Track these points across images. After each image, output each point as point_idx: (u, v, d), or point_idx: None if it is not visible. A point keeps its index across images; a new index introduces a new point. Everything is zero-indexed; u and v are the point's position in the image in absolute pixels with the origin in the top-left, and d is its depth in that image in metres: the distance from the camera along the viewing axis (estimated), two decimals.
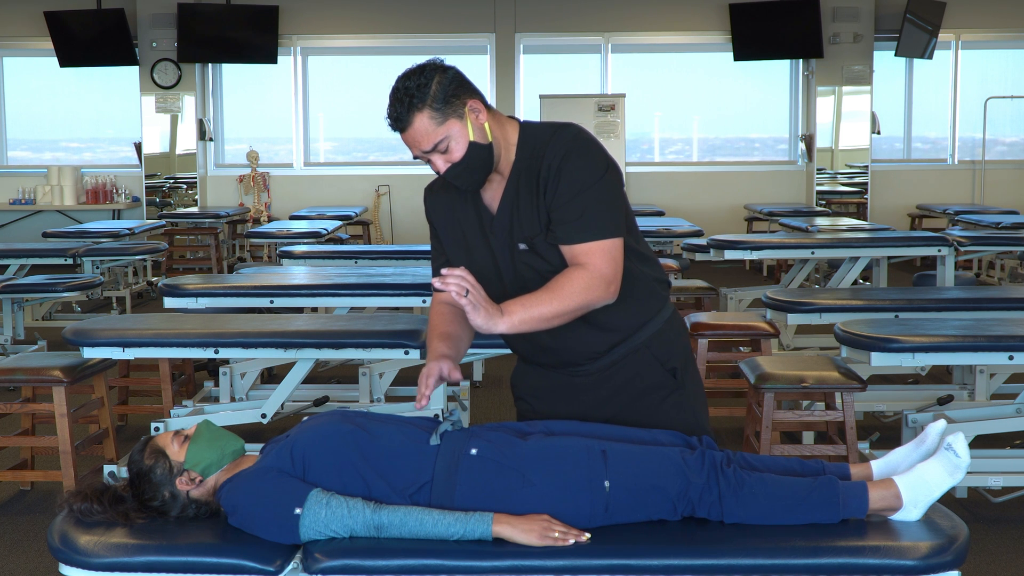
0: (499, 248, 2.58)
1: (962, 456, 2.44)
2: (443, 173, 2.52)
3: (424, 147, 2.47)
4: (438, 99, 2.44)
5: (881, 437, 5.01)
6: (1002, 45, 13.41)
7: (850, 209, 12.85)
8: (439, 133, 2.46)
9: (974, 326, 4.29)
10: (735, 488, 2.40)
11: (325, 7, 12.75)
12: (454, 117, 2.46)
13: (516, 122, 2.59)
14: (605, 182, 2.49)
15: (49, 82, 13.14)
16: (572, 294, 2.44)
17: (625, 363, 2.63)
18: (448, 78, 2.46)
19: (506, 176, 2.56)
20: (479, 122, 2.49)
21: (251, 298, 5.36)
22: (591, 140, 2.53)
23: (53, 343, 7.03)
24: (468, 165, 2.50)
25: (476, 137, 2.48)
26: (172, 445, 2.58)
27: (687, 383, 2.69)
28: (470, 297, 2.36)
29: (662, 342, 2.65)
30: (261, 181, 12.67)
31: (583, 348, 2.62)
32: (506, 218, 2.56)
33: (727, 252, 6.92)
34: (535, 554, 2.31)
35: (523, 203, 2.53)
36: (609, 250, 2.48)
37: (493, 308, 2.40)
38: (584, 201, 2.47)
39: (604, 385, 2.65)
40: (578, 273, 2.46)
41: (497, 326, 2.41)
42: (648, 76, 13.27)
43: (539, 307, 2.44)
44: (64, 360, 4.41)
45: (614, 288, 2.49)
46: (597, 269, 2.46)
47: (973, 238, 7.48)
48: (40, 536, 4.11)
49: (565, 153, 2.48)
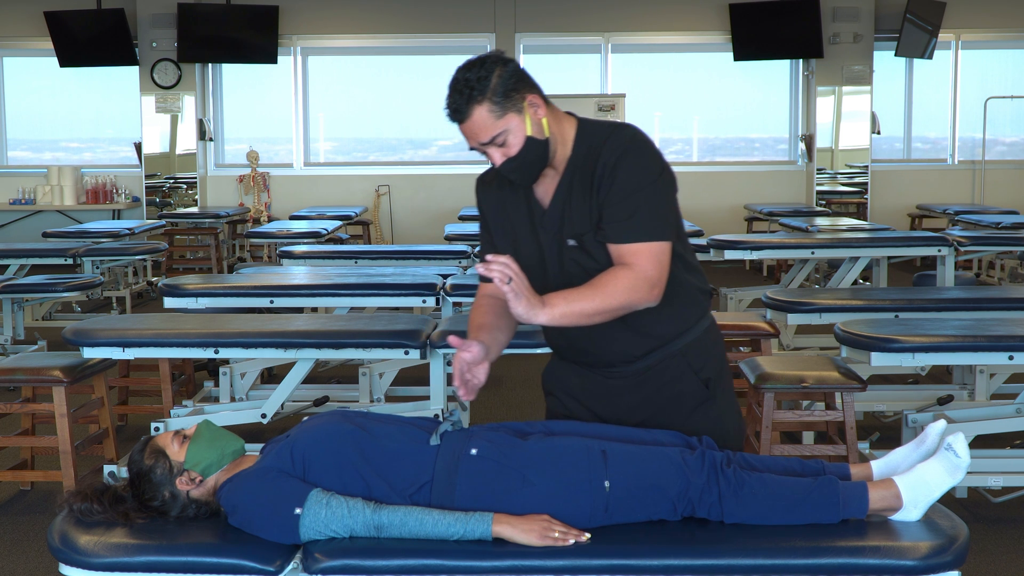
0: (548, 243, 2.57)
1: (962, 456, 2.44)
2: (498, 166, 2.51)
3: (482, 139, 2.47)
4: (498, 92, 2.43)
5: (881, 437, 5.01)
6: (1002, 45, 13.41)
7: (850, 209, 12.84)
8: (497, 126, 2.45)
9: (974, 326, 4.29)
10: (735, 488, 2.40)
11: (325, 7, 12.75)
12: (513, 111, 2.45)
13: (574, 118, 2.58)
14: (659, 185, 2.49)
15: (49, 82, 13.13)
16: (615, 293, 2.43)
17: (659, 368, 2.61)
18: (509, 72, 2.45)
19: (560, 171, 2.55)
20: (537, 117, 2.48)
21: (251, 298, 5.36)
22: (648, 142, 2.53)
23: (53, 343, 7.03)
24: (524, 159, 2.49)
25: (533, 132, 2.48)
26: (172, 445, 2.58)
27: (719, 395, 2.66)
28: (513, 285, 2.34)
29: (698, 351, 2.63)
30: (261, 181, 12.67)
31: (620, 350, 2.60)
32: (557, 213, 2.55)
33: (727, 252, 6.92)
34: (535, 554, 2.31)
35: (575, 199, 2.52)
36: (656, 253, 2.47)
37: (535, 298, 2.39)
38: (636, 201, 2.46)
39: (637, 389, 2.63)
40: (624, 272, 2.45)
41: (538, 317, 2.39)
42: (648, 76, 13.27)
43: (581, 302, 2.42)
44: (64, 360, 4.41)
45: (657, 291, 2.47)
46: (642, 270, 2.45)
47: (973, 238, 7.48)
48: (40, 536, 4.11)
49: (622, 152, 2.47)
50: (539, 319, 2.40)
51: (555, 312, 2.41)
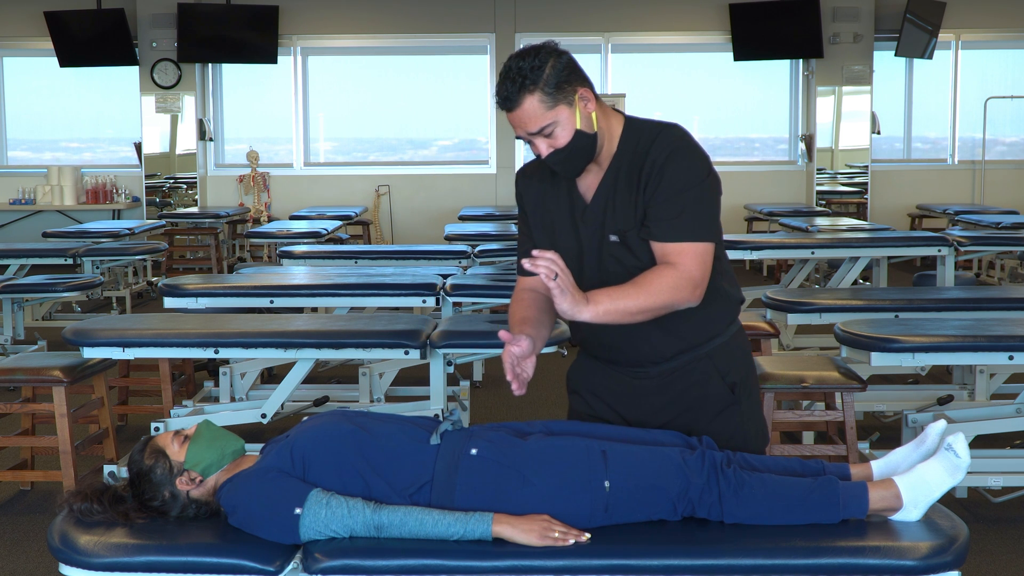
0: (588, 237, 2.57)
1: (962, 456, 2.44)
2: (545, 157, 2.51)
3: (530, 129, 2.46)
4: (550, 83, 2.43)
5: (881, 437, 5.01)
6: (1002, 45, 13.41)
7: (850, 209, 12.84)
8: (547, 117, 2.45)
9: (974, 326, 4.29)
10: (735, 488, 2.40)
11: (325, 7, 12.75)
12: (564, 103, 2.45)
13: (621, 115, 2.58)
14: (706, 186, 2.49)
15: (49, 82, 13.13)
16: (659, 292, 2.43)
17: (686, 370, 2.61)
18: (562, 63, 2.45)
19: (604, 167, 2.55)
20: (587, 111, 2.48)
21: (251, 298, 5.36)
22: (696, 143, 2.53)
23: (53, 343, 7.03)
24: (571, 152, 2.49)
25: (583, 126, 2.47)
26: (172, 445, 2.58)
27: (744, 401, 2.65)
28: (559, 281, 2.33)
29: (725, 355, 2.62)
30: (261, 181, 12.67)
31: (650, 350, 2.59)
32: (600, 209, 2.55)
33: (727, 252, 6.90)
34: (535, 554, 2.31)
35: (620, 196, 2.52)
36: (701, 253, 2.47)
37: (580, 295, 2.38)
38: (683, 201, 2.46)
39: (662, 391, 2.62)
40: (667, 271, 2.45)
41: (582, 313, 2.38)
42: (648, 76, 13.26)
43: (625, 300, 2.41)
44: (64, 360, 4.41)
45: (700, 292, 2.47)
46: (687, 270, 2.45)
47: (973, 238, 7.48)
48: (40, 536, 4.11)
49: (671, 152, 2.47)
50: (583, 316, 2.39)
51: (599, 309, 2.39)
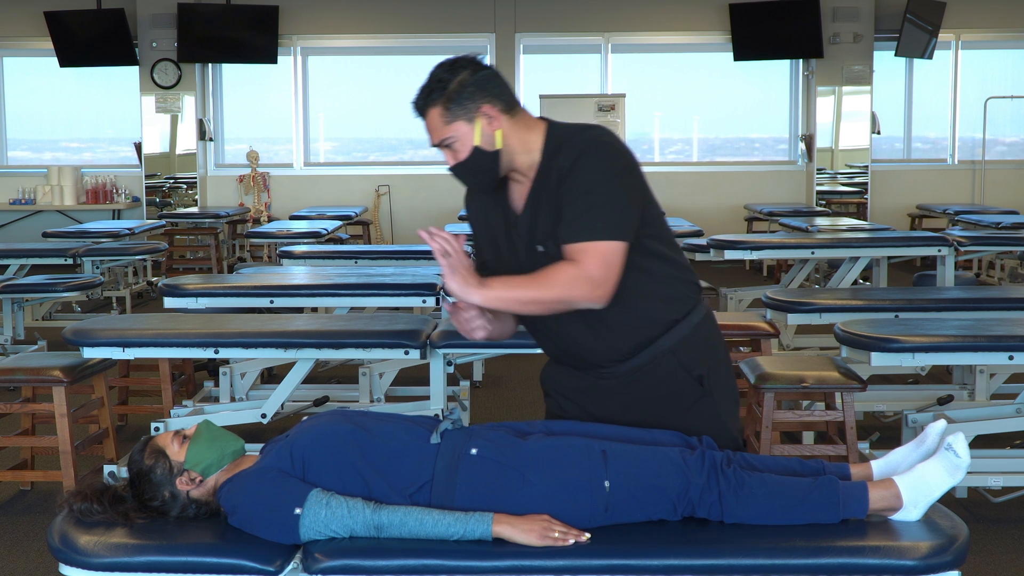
0: (522, 249, 2.57)
1: (962, 456, 2.44)
2: (449, 168, 2.57)
3: (432, 140, 2.54)
4: (452, 98, 2.46)
5: (881, 437, 5.01)
6: (1002, 45, 13.41)
7: (850, 209, 12.84)
8: (445, 131, 2.49)
9: (974, 326, 4.28)
10: (735, 488, 2.40)
11: (325, 7, 12.75)
12: (463, 119, 2.48)
13: (543, 124, 2.56)
14: (615, 183, 2.45)
15: (49, 82, 13.13)
16: (553, 285, 2.42)
17: (650, 369, 2.59)
18: (474, 79, 2.47)
19: (531, 178, 2.55)
20: (489, 129, 2.49)
21: (251, 298, 5.35)
22: (610, 142, 2.49)
23: (53, 343, 7.03)
24: (469, 168, 2.53)
25: (482, 143, 2.49)
26: (172, 445, 2.58)
27: (715, 390, 2.64)
28: (450, 260, 2.39)
29: (689, 349, 2.60)
30: (261, 181, 12.67)
31: (604, 349, 2.58)
32: (528, 220, 2.55)
33: (727, 252, 6.91)
34: (535, 554, 2.31)
35: (543, 206, 2.51)
36: (603, 253, 2.42)
37: (473, 278, 2.42)
38: (588, 201, 2.43)
39: (630, 390, 2.61)
40: (566, 267, 2.44)
41: (471, 296, 2.43)
42: (648, 76, 13.27)
43: (518, 289, 2.44)
44: (64, 360, 4.41)
45: (602, 292, 2.43)
46: (585, 268, 2.42)
47: (973, 238, 7.48)
48: (40, 536, 4.10)
49: (579, 154, 2.46)
50: (472, 297, 2.44)
51: (489, 294, 2.43)
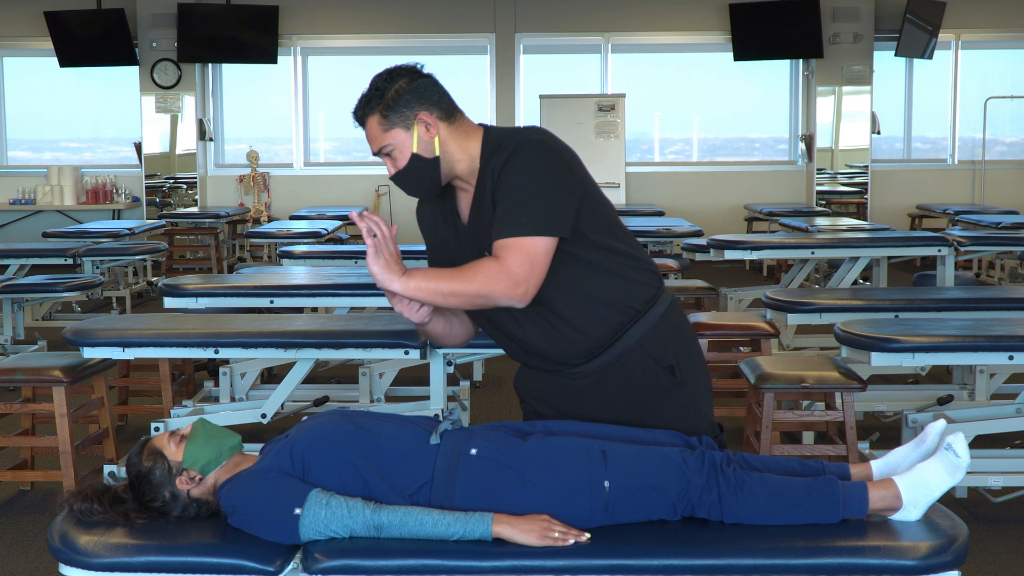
0: (471, 257, 2.55)
1: (962, 456, 2.44)
2: (390, 177, 2.58)
3: (372, 149, 2.56)
4: (389, 107, 2.49)
5: (881, 437, 5.01)
6: (1002, 45, 13.41)
7: (850, 209, 12.85)
8: (384, 139, 2.52)
9: (974, 326, 4.28)
10: (735, 488, 2.40)
11: (325, 7, 12.75)
12: (400, 127, 2.50)
13: (481, 129, 2.57)
14: (544, 181, 2.43)
15: (49, 82, 13.14)
16: (472, 279, 2.41)
17: (620, 364, 2.60)
18: (411, 87, 2.49)
19: (473, 186, 2.56)
20: (427, 136, 2.51)
21: (251, 298, 5.35)
22: (541, 141, 2.48)
23: (53, 343, 7.03)
24: (408, 175, 2.55)
25: (420, 150, 2.51)
26: (169, 445, 2.58)
27: (687, 379, 2.65)
28: (376, 240, 2.38)
29: (657, 340, 2.61)
30: (261, 181, 12.67)
31: (568, 347, 2.58)
32: (473, 227, 2.57)
33: (727, 252, 6.91)
34: (535, 554, 2.31)
35: (484, 212, 2.52)
36: (526, 249, 2.40)
37: (397, 265, 2.42)
38: (516, 199, 2.43)
39: (602, 387, 2.62)
40: (488, 262, 2.43)
41: (392, 283, 2.42)
42: (648, 76, 13.27)
43: (439, 281, 2.43)
44: (64, 360, 4.41)
45: (523, 289, 2.41)
46: (507, 264, 2.40)
47: (973, 238, 7.48)
48: (40, 536, 4.10)
49: (509, 155, 2.45)
50: (392, 285, 2.42)
51: (410, 284, 2.42)
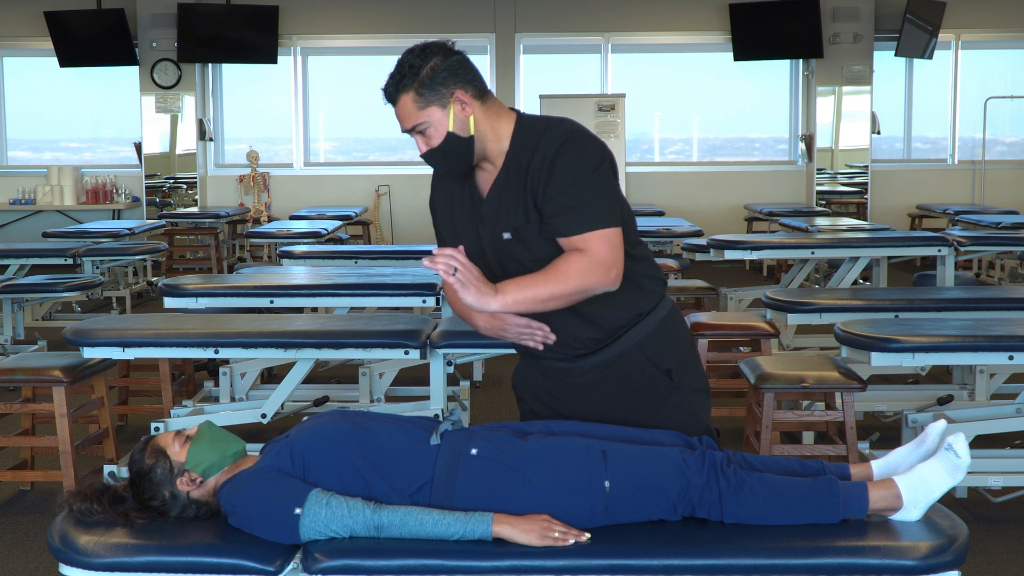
0: (486, 236, 2.60)
1: (962, 456, 2.44)
2: (421, 155, 2.58)
3: (405, 126, 2.55)
4: (425, 84, 2.49)
5: (881, 437, 5.01)
6: (1002, 45, 13.41)
7: (850, 209, 12.84)
8: (419, 117, 2.51)
9: (974, 326, 4.28)
10: (735, 488, 2.40)
11: (325, 7, 12.75)
12: (436, 105, 2.50)
13: (514, 113, 2.61)
14: (600, 174, 2.50)
15: (49, 82, 13.13)
16: (569, 277, 2.44)
17: (618, 365, 2.62)
18: (445, 65, 2.50)
19: (498, 166, 2.58)
20: (463, 114, 2.52)
21: (251, 298, 5.35)
22: (586, 133, 2.55)
23: (53, 343, 7.03)
24: (442, 154, 2.55)
25: (456, 128, 2.52)
26: (173, 445, 2.58)
27: (684, 383, 2.68)
28: (459, 275, 2.37)
29: (655, 343, 2.64)
30: (261, 181, 12.67)
31: (568, 338, 2.61)
32: (494, 206, 2.58)
33: (727, 252, 6.91)
34: (535, 554, 2.31)
35: (511, 193, 2.55)
36: (608, 237, 2.48)
37: (486, 286, 2.41)
38: (578, 192, 2.47)
39: (600, 388, 2.64)
40: (576, 257, 2.46)
41: (489, 304, 2.41)
42: (648, 76, 13.26)
43: (534, 288, 2.44)
44: (64, 360, 4.41)
45: (615, 273, 2.48)
46: (596, 254, 2.46)
47: (973, 238, 7.47)
48: (40, 536, 4.10)
49: (560, 146, 2.49)
50: (491, 306, 2.42)
51: (507, 299, 2.42)
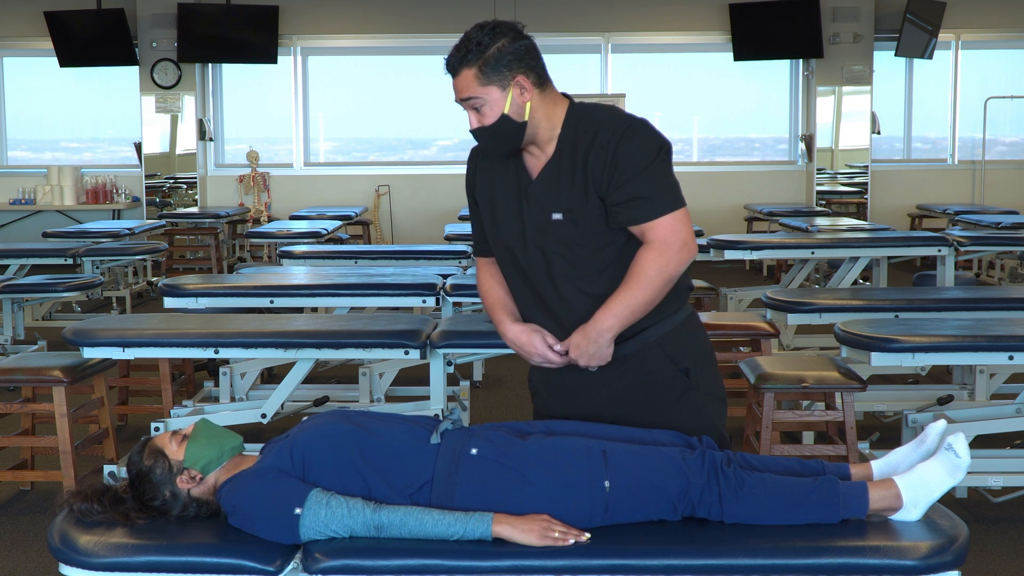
0: (531, 216, 2.62)
1: (962, 456, 2.44)
2: (471, 130, 2.61)
3: (461, 95, 2.57)
4: (489, 63, 2.52)
5: (881, 437, 5.01)
6: (1002, 45, 13.40)
7: (850, 209, 12.84)
8: (477, 92, 2.54)
9: (974, 326, 4.28)
10: (735, 488, 2.40)
11: (325, 7, 12.75)
12: (496, 85, 2.54)
13: (567, 100, 2.65)
14: (663, 157, 2.57)
15: (49, 82, 13.13)
16: (651, 280, 2.54)
17: (637, 360, 2.65)
18: (512, 48, 2.53)
19: (550, 150, 2.62)
20: (521, 99, 2.56)
21: (251, 298, 5.35)
22: (644, 122, 2.60)
23: (53, 343, 7.03)
24: (493, 134, 2.58)
25: (511, 112, 2.56)
26: (171, 445, 2.58)
27: (701, 384, 2.70)
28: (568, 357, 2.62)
29: (676, 342, 2.67)
30: (261, 181, 12.67)
31: None
32: (543, 188, 2.61)
33: (727, 252, 6.91)
34: (535, 554, 2.31)
35: (564, 176, 2.58)
36: (676, 219, 2.56)
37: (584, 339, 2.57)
38: (647, 178, 2.53)
39: (617, 382, 2.66)
40: (646, 256, 2.54)
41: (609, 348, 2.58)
42: (648, 76, 13.26)
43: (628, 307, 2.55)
44: (64, 360, 4.41)
45: (687, 249, 2.57)
46: (663, 242, 2.53)
47: (973, 238, 7.47)
48: (40, 536, 4.10)
49: (623, 132, 2.54)
50: (610, 348, 2.58)
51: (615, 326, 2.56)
